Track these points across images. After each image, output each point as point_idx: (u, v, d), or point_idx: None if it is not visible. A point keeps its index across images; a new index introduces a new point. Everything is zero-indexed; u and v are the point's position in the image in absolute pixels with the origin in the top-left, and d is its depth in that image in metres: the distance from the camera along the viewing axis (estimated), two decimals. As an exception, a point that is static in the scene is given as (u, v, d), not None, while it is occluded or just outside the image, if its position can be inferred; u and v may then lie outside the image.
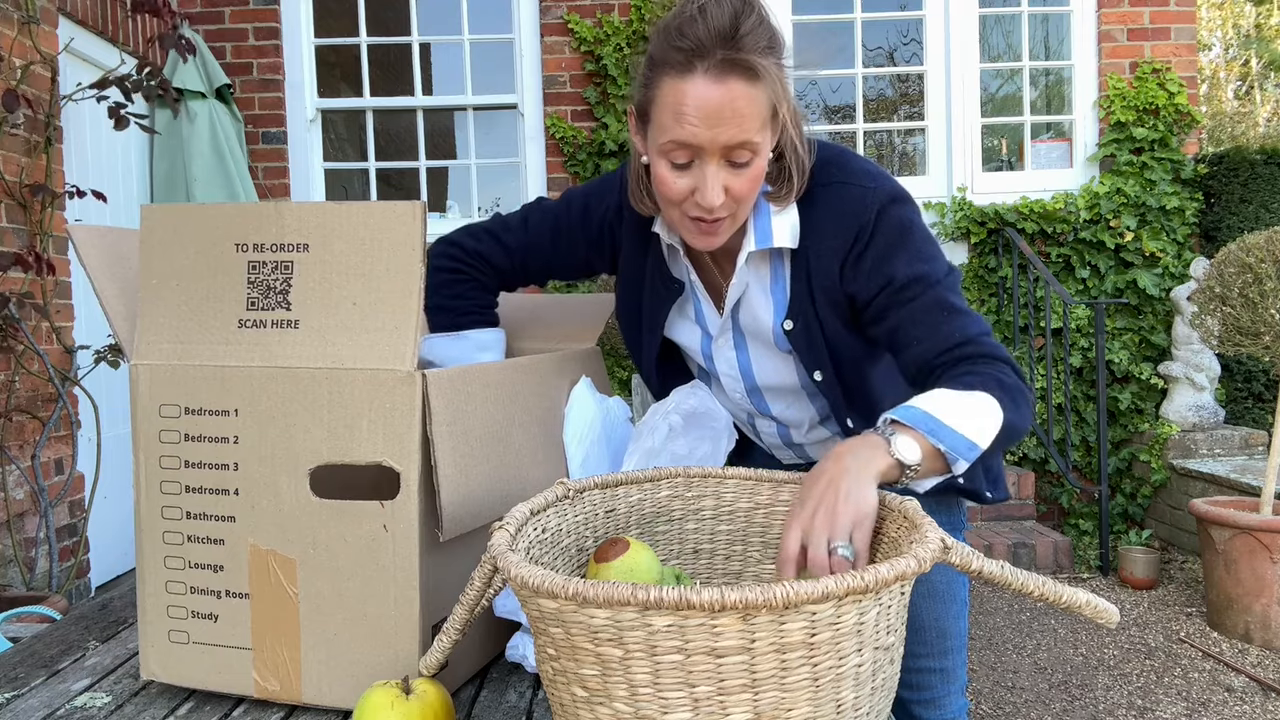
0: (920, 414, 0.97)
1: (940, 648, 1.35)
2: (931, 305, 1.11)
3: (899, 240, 1.13)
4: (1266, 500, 3.25)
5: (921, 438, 0.95)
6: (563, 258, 1.34)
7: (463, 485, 0.98)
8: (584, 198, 1.33)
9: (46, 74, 3.39)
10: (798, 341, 1.20)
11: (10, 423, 3.18)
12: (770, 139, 1.08)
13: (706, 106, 1.01)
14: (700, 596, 0.64)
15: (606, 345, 4.53)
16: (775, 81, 1.03)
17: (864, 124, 5.03)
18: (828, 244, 1.15)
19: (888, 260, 1.13)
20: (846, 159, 1.18)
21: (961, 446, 0.97)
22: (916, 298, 1.11)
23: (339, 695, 0.96)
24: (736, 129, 1.02)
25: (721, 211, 1.08)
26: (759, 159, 1.06)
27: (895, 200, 1.14)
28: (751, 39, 1.00)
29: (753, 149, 1.04)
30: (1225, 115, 12.23)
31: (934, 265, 1.13)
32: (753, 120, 1.02)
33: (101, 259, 1.04)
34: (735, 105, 1.01)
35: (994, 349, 1.09)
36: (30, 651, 1.16)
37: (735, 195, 1.07)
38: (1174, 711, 2.77)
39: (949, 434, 0.96)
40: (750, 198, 1.09)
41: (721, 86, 1.00)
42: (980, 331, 1.10)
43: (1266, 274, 3.20)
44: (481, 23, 4.86)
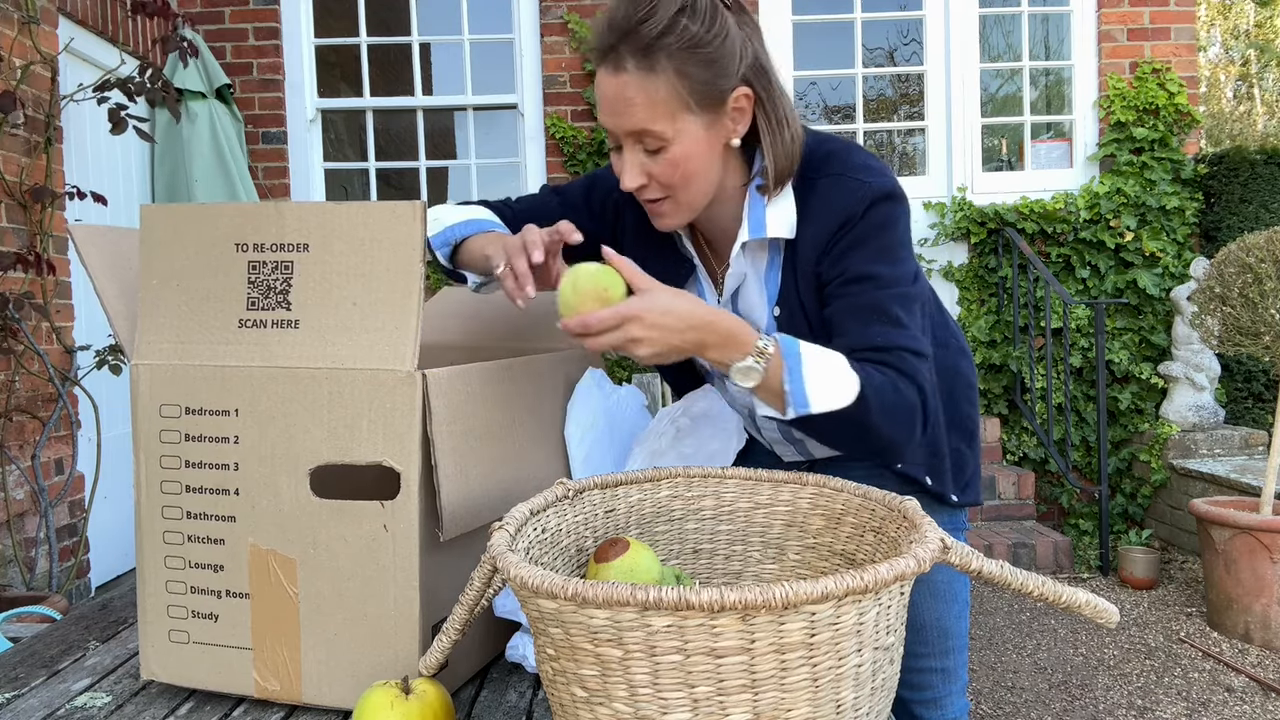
0: (794, 350, 1.05)
1: (941, 647, 1.35)
2: (870, 305, 1.12)
3: (871, 235, 1.14)
4: (1266, 500, 3.25)
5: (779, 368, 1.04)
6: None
7: (463, 485, 0.98)
8: (592, 176, 1.37)
9: (46, 74, 3.40)
10: (785, 329, 1.21)
11: (10, 423, 3.18)
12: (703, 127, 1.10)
13: (607, 96, 1.09)
14: (699, 597, 0.64)
15: (606, 345, 4.53)
16: (682, 71, 1.06)
17: (864, 124, 5.03)
18: (816, 232, 1.16)
19: (852, 251, 1.14)
20: (850, 152, 1.18)
21: (798, 398, 1.04)
22: (860, 294, 1.12)
23: (339, 695, 0.96)
24: (632, 118, 1.07)
25: (652, 193, 1.13)
26: (674, 146, 1.09)
27: (888, 198, 1.14)
28: (649, 26, 1.04)
29: (659, 137, 1.08)
30: (1225, 115, 12.23)
31: (894, 269, 1.14)
32: (650, 109, 1.06)
33: (102, 259, 1.04)
34: (628, 94, 1.06)
35: (910, 366, 1.09)
36: (30, 651, 1.16)
37: (660, 180, 1.11)
38: (1174, 711, 2.77)
39: (798, 381, 1.04)
40: (682, 184, 1.12)
41: (616, 77, 1.07)
42: (907, 347, 1.10)
43: (1266, 274, 3.20)
44: (481, 23, 4.86)
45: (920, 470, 1.29)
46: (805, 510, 1.00)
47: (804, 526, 1.00)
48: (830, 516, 0.97)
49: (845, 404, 1.04)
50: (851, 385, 1.04)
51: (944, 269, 4.75)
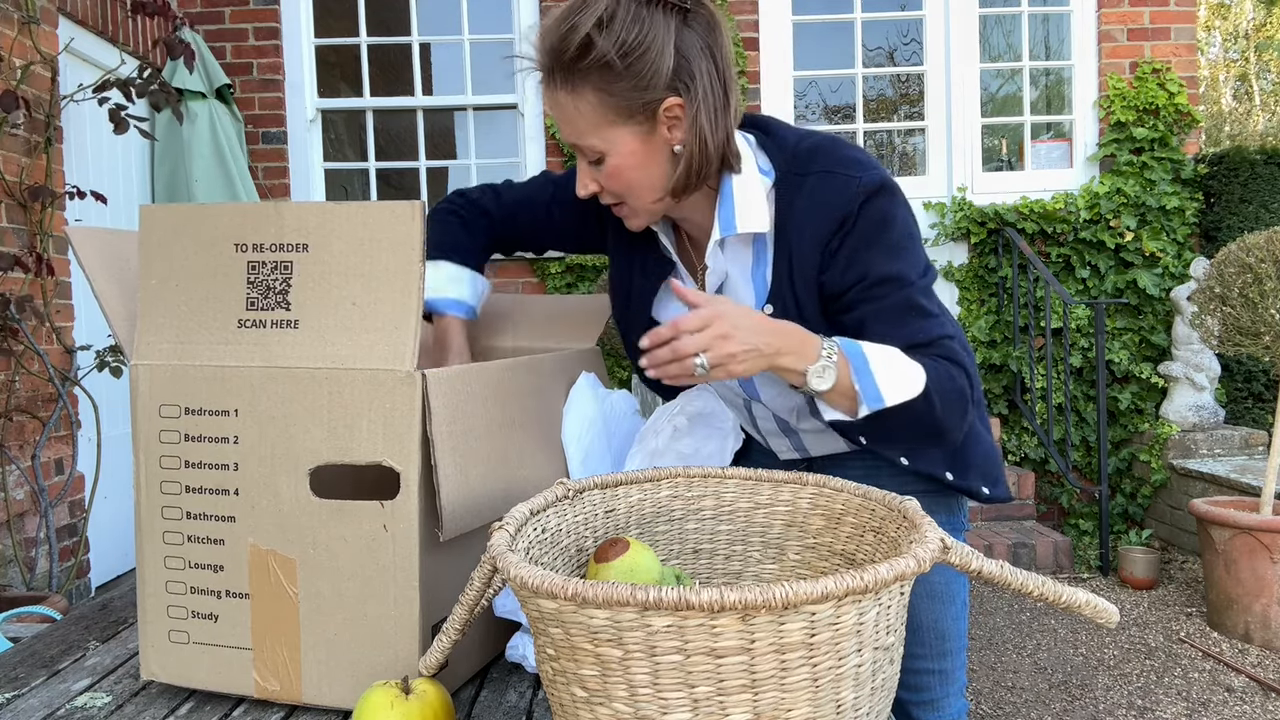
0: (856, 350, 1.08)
1: (939, 649, 1.35)
2: (901, 305, 1.14)
3: (877, 234, 1.14)
4: (1266, 500, 3.25)
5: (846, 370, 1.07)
6: (556, 221, 1.40)
7: (463, 485, 0.98)
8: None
9: (46, 74, 3.40)
10: None
11: (10, 423, 3.18)
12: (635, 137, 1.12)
13: (552, 112, 1.15)
14: (699, 597, 0.64)
15: (606, 345, 4.53)
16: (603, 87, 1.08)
17: (864, 124, 5.03)
18: (810, 230, 1.16)
19: (864, 254, 1.14)
20: (835, 146, 1.18)
21: (870, 395, 1.07)
22: (887, 296, 1.14)
23: (339, 695, 0.96)
24: (570, 132, 1.14)
25: (606, 199, 1.19)
26: (610, 158, 1.13)
27: (881, 191, 1.14)
28: (566, 55, 1.08)
29: (594, 149, 1.13)
30: (1224, 115, 12.24)
31: (910, 265, 1.15)
32: (579, 125, 1.12)
33: (100, 260, 1.04)
34: (562, 112, 1.13)
35: (954, 353, 1.13)
36: (30, 651, 1.16)
37: (606, 189, 1.17)
38: (1174, 711, 2.77)
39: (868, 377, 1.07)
40: (628, 191, 1.16)
41: (549, 96, 1.13)
42: (945, 334, 1.14)
43: (1266, 274, 3.20)
44: (481, 23, 4.86)
45: (939, 466, 1.29)
46: (805, 510, 1.00)
47: (804, 526, 1.00)
48: (830, 516, 0.97)
49: (916, 393, 1.08)
50: (918, 375, 1.08)
51: (944, 269, 4.75)
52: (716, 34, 1.12)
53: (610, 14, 1.06)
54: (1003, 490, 1.34)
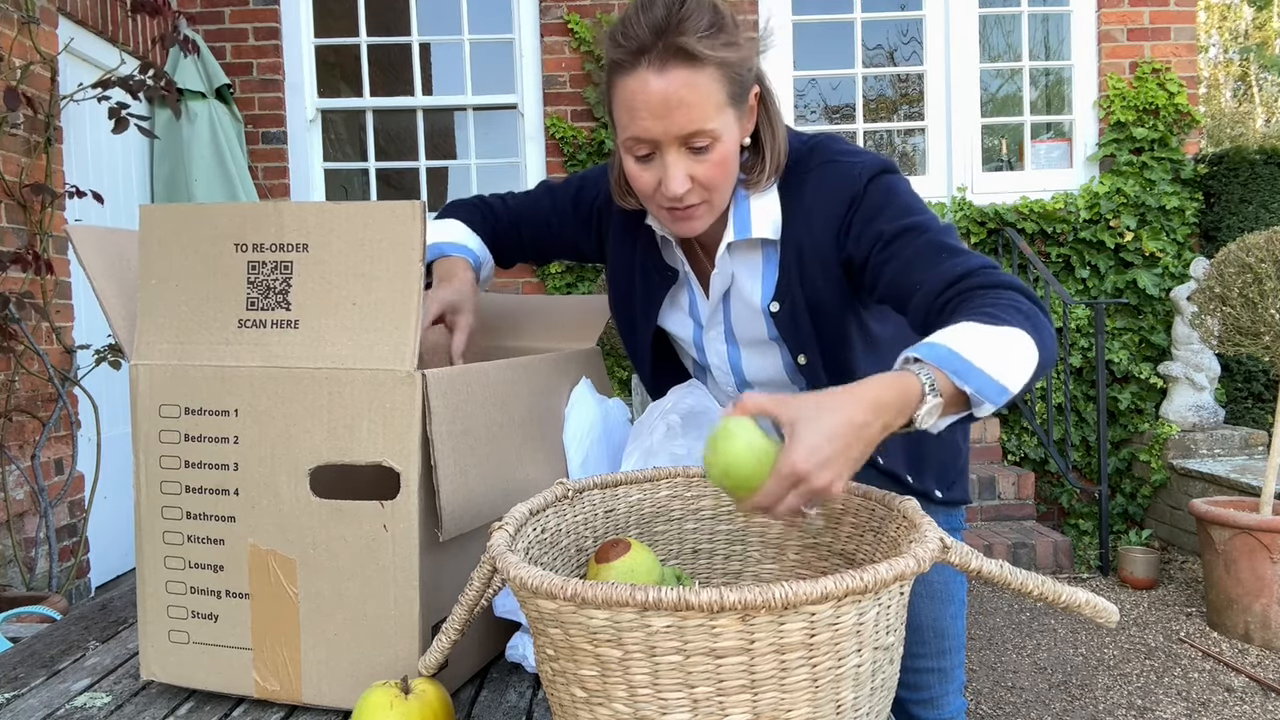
0: (945, 352, 0.89)
1: (938, 648, 1.36)
2: (926, 247, 1.07)
3: (884, 201, 1.13)
4: (1266, 500, 3.25)
5: (947, 380, 0.88)
6: (555, 230, 1.39)
7: (463, 485, 0.98)
8: (581, 180, 1.38)
9: (46, 74, 3.39)
10: (783, 323, 1.21)
11: (10, 423, 3.18)
12: (736, 122, 1.09)
13: (653, 100, 1.03)
14: (699, 597, 0.64)
15: (606, 345, 4.53)
16: (725, 64, 1.04)
17: (864, 124, 5.03)
18: (821, 220, 1.16)
19: (875, 220, 1.12)
20: (831, 142, 1.20)
21: (990, 390, 0.89)
22: (910, 245, 1.08)
23: (339, 695, 0.96)
24: (686, 118, 1.04)
25: (692, 198, 1.10)
26: (721, 144, 1.07)
27: (884, 170, 1.16)
28: (690, 24, 1.02)
29: (710, 135, 1.06)
30: (1224, 115, 12.23)
31: (924, 217, 1.11)
32: (702, 107, 1.04)
33: (101, 259, 1.04)
34: (680, 94, 1.03)
35: (1004, 278, 1.01)
36: (30, 651, 1.16)
37: (703, 182, 1.09)
38: (1174, 711, 2.77)
39: (976, 375, 0.89)
40: (723, 183, 1.10)
41: (664, 78, 1.03)
42: (984, 264, 1.03)
43: (1266, 274, 3.20)
44: (481, 23, 4.86)
45: (901, 467, 1.29)
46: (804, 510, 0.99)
47: (803, 526, 1.00)
48: (830, 516, 0.97)
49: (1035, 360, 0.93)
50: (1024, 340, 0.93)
51: (944, 269, 4.75)
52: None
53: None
54: (959, 492, 1.34)
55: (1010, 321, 0.94)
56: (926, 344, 0.91)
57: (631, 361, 1.40)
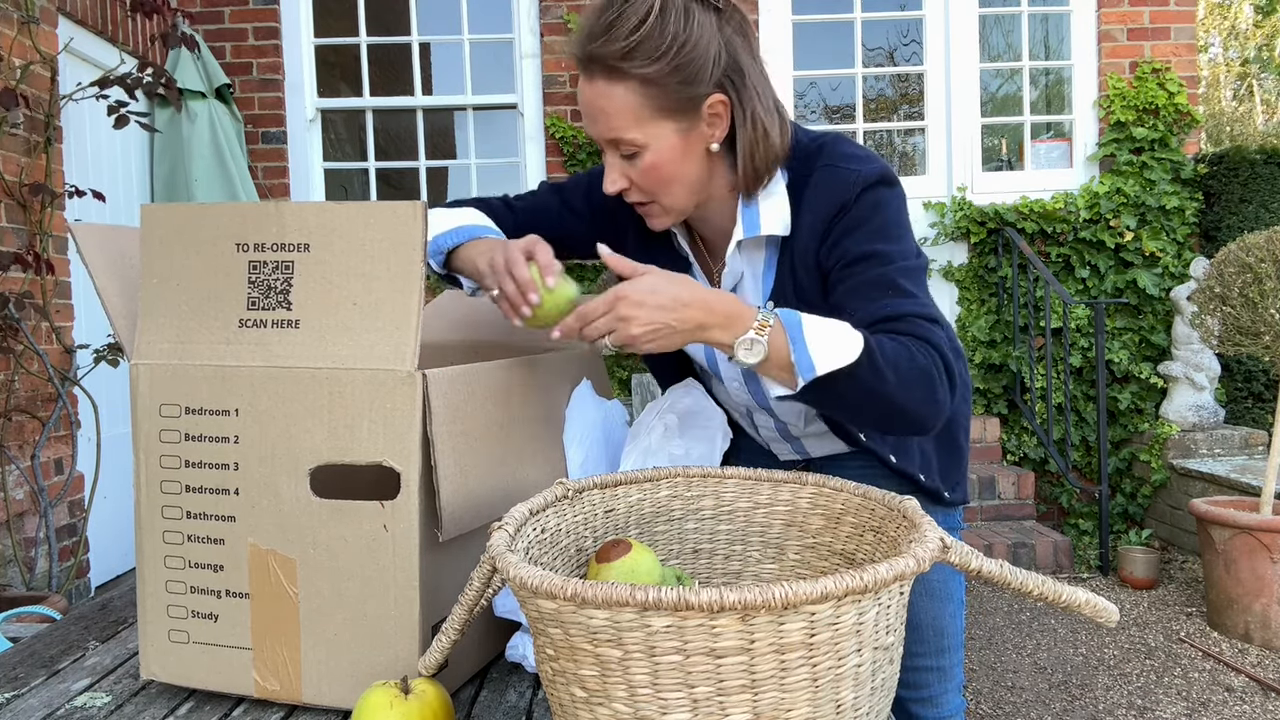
0: (794, 319, 1.02)
1: (937, 646, 1.36)
2: (876, 280, 1.10)
3: (865, 218, 1.14)
4: (1266, 500, 3.25)
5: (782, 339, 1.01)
6: (567, 228, 1.37)
7: (463, 485, 0.98)
8: (591, 175, 1.36)
9: (46, 74, 3.39)
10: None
11: (10, 423, 3.18)
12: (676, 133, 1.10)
13: (585, 104, 1.11)
14: (699, 597, 0.64)
15: (606, 345, 4.52)
16: (648, 79, 1.06)
17: (864, 124, 5.03)
18: (811, 223, 1.16)
19: (849, 235, 1.13)
20: (837, 145, 1.19)
21: (804, 364, 1.01)
22: (864, 272, 1.11)
23: (339, 695, 0.96)
24: (606, 125, 1.10)
25: (633, 197, 1.16)
26: (648, 153, 1.10)
27: (880, 182, 1.15)
28: (613, 36, 1.05)
29: (632, 144, 1.10)
30: (1224, 115, 12.23)
31: (893, 246, 1.12)
32: (620, 116, 1.08)
33: (103, 258, 1.04)
34: (599, 103, 1.09)
35: (928, 332, 1.06)
36: (30, 651, 1.16)
37: (639, 185, 1.14)
38: (1174, 711, 2.77)
39: (801, 347, 1.01)
40: (661, 188, 1.13)
41: (589, 86, 1.10)
42: (915, 312, 1.08)
43: (1266, 274, 3.20)
44: (481, 22, 4.86)
45: (914, 466, 1.29)
46: (805, 510, 1.00)
47: (803, 526, 1.00)
48: (830, 516, 0.97)
49: (850, 360, 1.00)
50: (855, 341, 1.01)
51: (944, 269, 4.75)
52: (749, 36, 1.14)
53: (660, 4, 1.05)
54: (961, 494, 1.35)
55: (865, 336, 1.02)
56: (790, 311, 1.04)
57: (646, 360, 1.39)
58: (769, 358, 1.01)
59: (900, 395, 1.03)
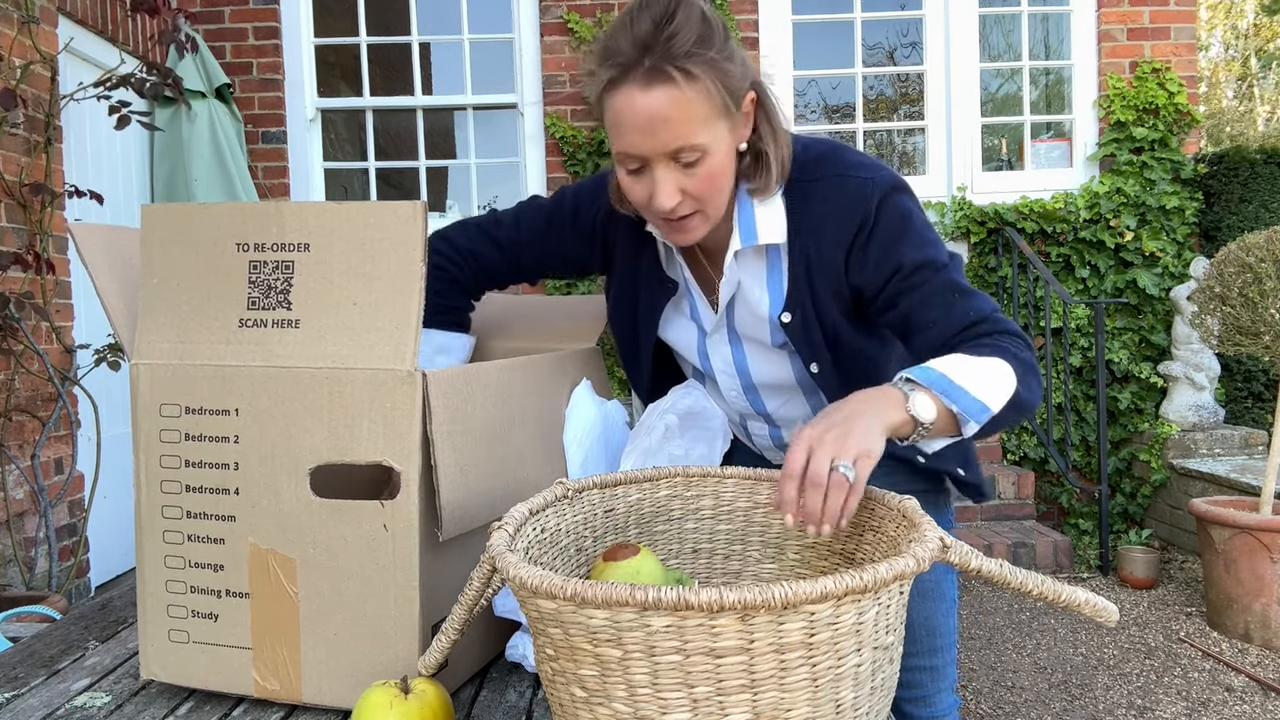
0: (935, 375, 0.99)
1: (929, 645, 1.36)
2: (942, 288, 1.12)
3: (901, 228, 1.14)
4: (1266, 500, 3.25)
5: (936, 398, 0.97)
6: (554, 254, 1.35)
7: (463, 485, 0.98)
8: (575, 196, 1.33)
9: (46, 74, 3.39)
10: (795, 334, 1.20)
11: (10, 422, 3.18)
12: (729, 132, 1.08)
13: (639, 117, 1.02)
14: (698, 597, 0.64)
15: (606, 345, 4.53)
16: (713, 78, 1.03)
17: (864, 124, 5.03)
18: (829, 236, 1.15)
19: (893, 248, 1.13)
20: (840, 152, 1.18)
21: (974, 409, 0.99)
22: (927, 282, 1.12)
23: (339, 695, 0.96)
24: (670, 135, 1.03)
25: (684, 209, 1.09)
26: (711, 157, 1.06)
27: (895, 189, 1.15)
28: (678, 41, 1.00)
29: (699, 149, 1.04)
30: (1225, 115, 12.23)
31: (938, 250, 1.14)
32: (688, 123, 1.02)
33: (103, 258, 1.04)
34: (665, 112, 1.01)
35: (1008, 325, 1.10)
36: (30, 651, 1.16)
37: (693, 195, 1.08)
38: (1174, 711, 2.77)
39: (961, 394, 0.99)
40: (715, 195, 1.09)
41: (649, 95, 1.01)
42: (993, 310, 1.11)
43: (1266, 274, 3.20)
44: (481, 22, 4.86)
45: (951, 463, 1.29)
46: (805, 510, 0.99)
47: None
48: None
49: (1013, 389, 1.02)
50: (1004, 370, 1.03)
51: (944, 269, 4.75)
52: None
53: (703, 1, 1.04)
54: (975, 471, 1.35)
55: (994, 355, 1.04)
56: (920, 367, 1.01)
57: (629, 374, 1.39)
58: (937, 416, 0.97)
59: (1028, 395, 1.06)
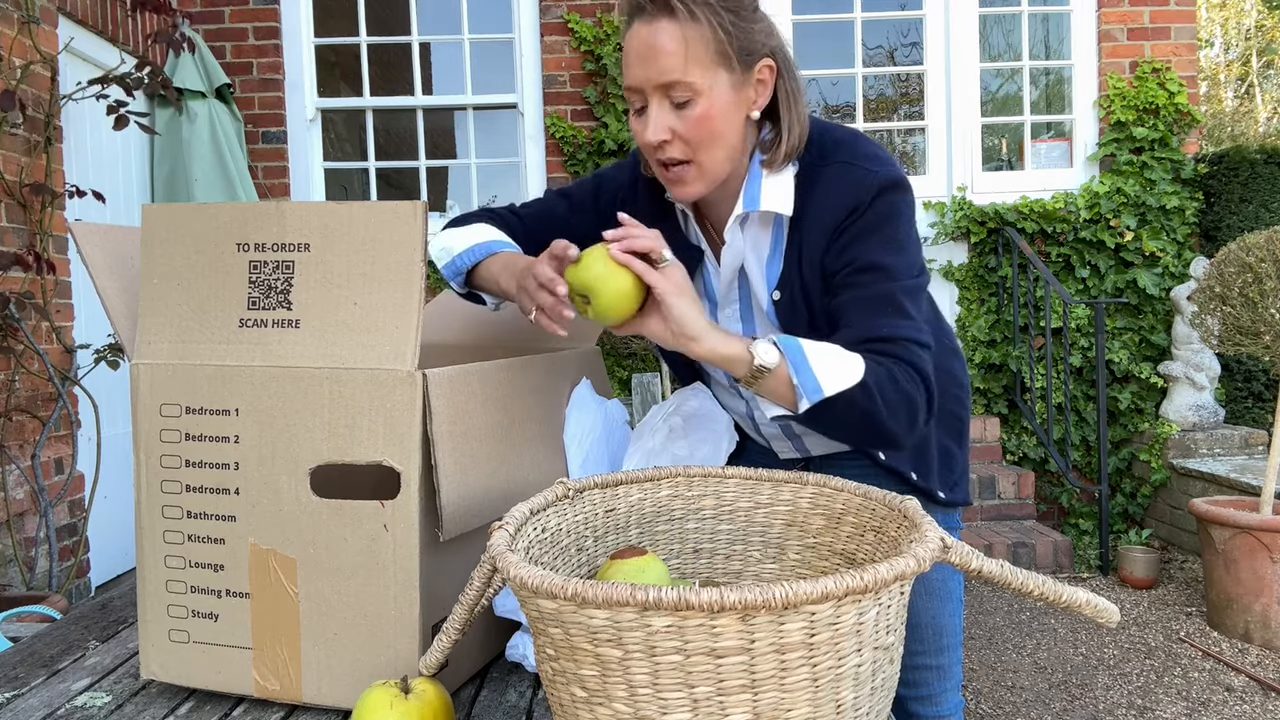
0: (794, 342, 1.07)
1: (936, 645, 1.36)
2: (880, 296, 1.12)
3: (878, 225, 1.14)
4: (1266, 500, 3.25)
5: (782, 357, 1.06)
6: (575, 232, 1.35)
7: (463, 485, 0.98)
8: (597, 176, 1.36)
9: (46, 74, 3.39)
10: (784, 314, 1.21)
11: (10, 422, 3.18)
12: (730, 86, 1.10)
13: (639, 47, 1.09)
14: (699, 597, 0.64)
15: (606, 345, 4.53)
16: (715, 23, 1.07)
17: (864, 123, 5.03)
18: (822, 218, 1.16)
19: (861, 241, 1.14)
20: (857, 142, 1.19)
21: (810, 387, 1.05)
22: (869, 285, 1.13)
23: (339, 695, 0.96)
24: (662, 67, 1.07)
25: (674, 153, 1.12)
26: (703, 99, 1.09)
27: (894, 187, 1.15)
28: None
29: (689, 88, 1.08)
30: (1225, 114, 12.23)
31: (902, 260, 1.14)
32: (681, 58, 1.07)
33: (104, 257, 1.04)
34: (660, 42, 1.07)
35: (917, 359, 1.10)
36: (30, 651, 1.16)
37: (683, 137, 1.10)
38: (1174, 711, 2.77)
39: (805, 370, 1.05)
40: (706, 141, 1.11)
41: (650, 26, 1.08)
42: (910, 337, 1.11)
43: (1266, 273, 3.20)
44: (481, 22, 4.86)
45: (905, 465, 1.29)
46: (805, 510, 1.00)
47: (804, 526, 1.00)
48: (830, 516, 0.97)
49: (853, 383, 1.05)
50: (856, 366, 1.06)
51: (944, 268, 4.75)
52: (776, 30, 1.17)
53: None
54: (961, 494, 1.36)
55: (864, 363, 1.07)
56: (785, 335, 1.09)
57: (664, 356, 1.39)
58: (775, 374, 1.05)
59: (885, 419, 1.07)
